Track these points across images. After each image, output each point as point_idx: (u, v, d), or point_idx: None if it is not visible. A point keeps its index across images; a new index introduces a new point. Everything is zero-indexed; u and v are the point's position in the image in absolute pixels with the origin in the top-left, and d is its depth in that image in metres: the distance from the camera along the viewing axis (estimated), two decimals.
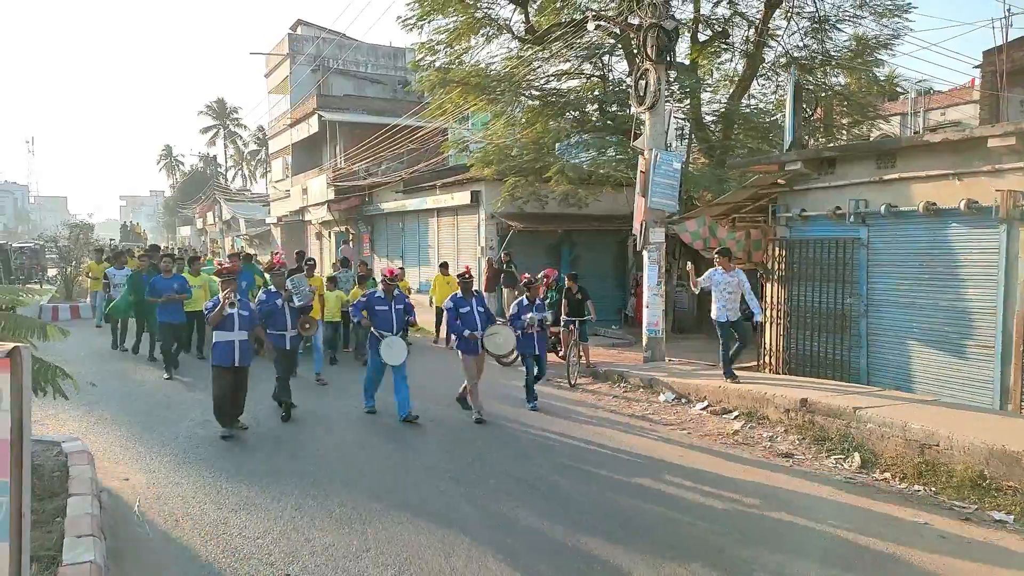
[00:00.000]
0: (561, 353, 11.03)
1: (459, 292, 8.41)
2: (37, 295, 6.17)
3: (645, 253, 11.07)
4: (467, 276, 8.49)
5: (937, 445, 6.52)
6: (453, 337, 8.52)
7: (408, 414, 7.94)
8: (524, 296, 9.15)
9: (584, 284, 11.24)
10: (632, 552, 4.77)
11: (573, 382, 10.32)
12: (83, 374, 6.72)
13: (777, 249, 10.13)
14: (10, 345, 2.44)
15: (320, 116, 28.47)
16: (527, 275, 9.74)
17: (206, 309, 7.44)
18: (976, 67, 18.59)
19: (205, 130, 65.87)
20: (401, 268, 15.40)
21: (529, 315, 8.74)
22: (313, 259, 12.93)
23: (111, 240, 33.56)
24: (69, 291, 19.89)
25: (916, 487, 6.17)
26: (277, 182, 36.86)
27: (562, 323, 10.85)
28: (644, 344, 11.24)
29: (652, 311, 11.05)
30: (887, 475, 6.51)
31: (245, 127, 66.70)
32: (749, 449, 7.21)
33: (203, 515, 5.30)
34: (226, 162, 66.62)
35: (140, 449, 6.95)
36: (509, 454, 6.91)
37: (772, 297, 10.23)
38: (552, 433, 7.76)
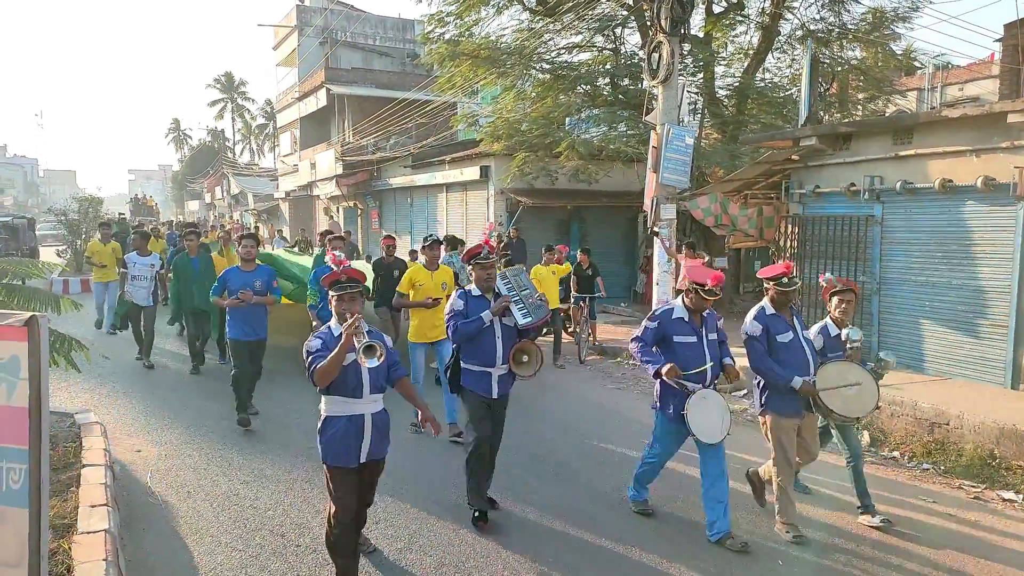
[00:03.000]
0: (571, 329, 11.02)
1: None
2: (49, 269, 6.18)
3: (656, 229, 10.99)
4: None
5: (947, 424, 6.51)
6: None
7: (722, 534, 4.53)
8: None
9: (593, 261, 11.19)
10: (643, 528, 4.80)
11: (583, 359, 10.34)
12: (94, 347, 6.75)
13: (790, 226, 10.03)
14: (27, 314, 2.45)
15: (328, 89, 28.25)
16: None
17: (309, 354, 3.66)
18: (996, 40, 18.18)
19: (213, 103, 65.59)
20: None
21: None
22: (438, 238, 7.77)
23: (120, 214, 29.85)
24: (79, 264, 19.99)
25: (925, 465, 6.17)
26: (285, 156, 36.76)
27: (572, 300, 10.83)
28: None
29: (662, 288, 11.00)
30: (896, 453, 6.51)
31: (253, 100, 66.53)
32: (756, 427, 7.20)
33: (214, 486, 5.36)
34: (234, 136, 66.48)
35: (151, 422, 7.01)
36: (520, 428, 6.92)
37: None
38: (563, 408, 7.77)
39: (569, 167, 15.12)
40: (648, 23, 12.02)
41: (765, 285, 4.79)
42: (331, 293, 3.74)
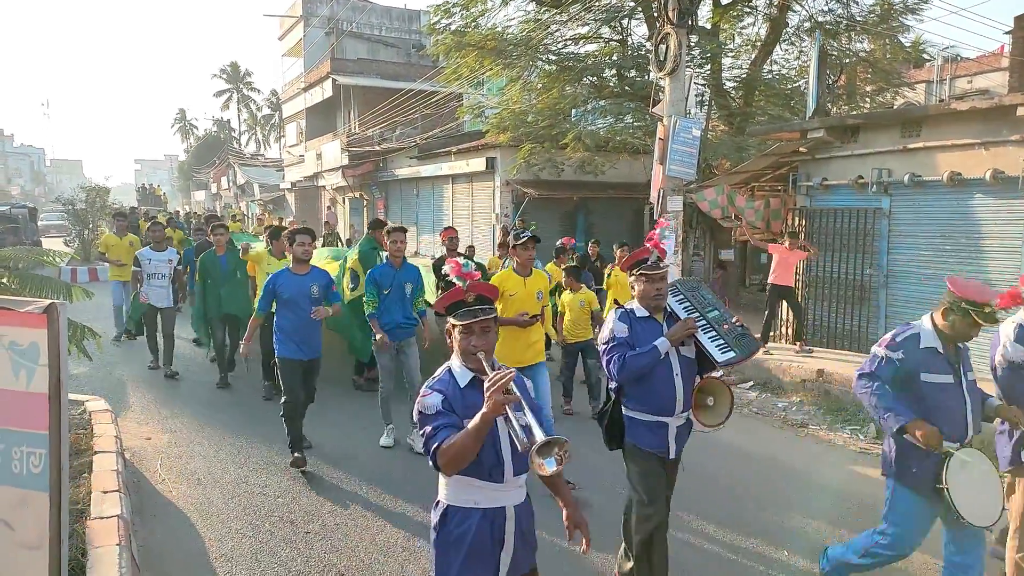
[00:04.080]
0: None
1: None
2: (60, 257, 6.23)
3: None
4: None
5: None
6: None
7: None
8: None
9: (602, 252, 11.19)
10: None
11: None
12: (105, 335, 6.80)
13: (797, 219, 10.01)
14: (47, 301, 2.49)
15: (334, 80, 28.23)
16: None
17: (424, 418, 2.42)
18: (1006, 33, 18.05)
19: (219, 94, 65.57)
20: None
21: None
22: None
23: (131, 208, 26.96)
24: (88, 254, 20.08)
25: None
26: (291, 147, 36.78)
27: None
28: None
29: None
30: None
31: (259, 91, 66.40)
32: (764, 419, 7.23)
33: (224, 474, 5.41)
34: (240, 126, 66.49)
35: (162, 410, 7.07)
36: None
37: None
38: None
39: (575, 159, 15.11)
40: (655, 14, 11.97)
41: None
42: (452, 321, 2.50)
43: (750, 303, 14.06)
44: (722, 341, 3.48)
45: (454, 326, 2.52)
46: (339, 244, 15.06)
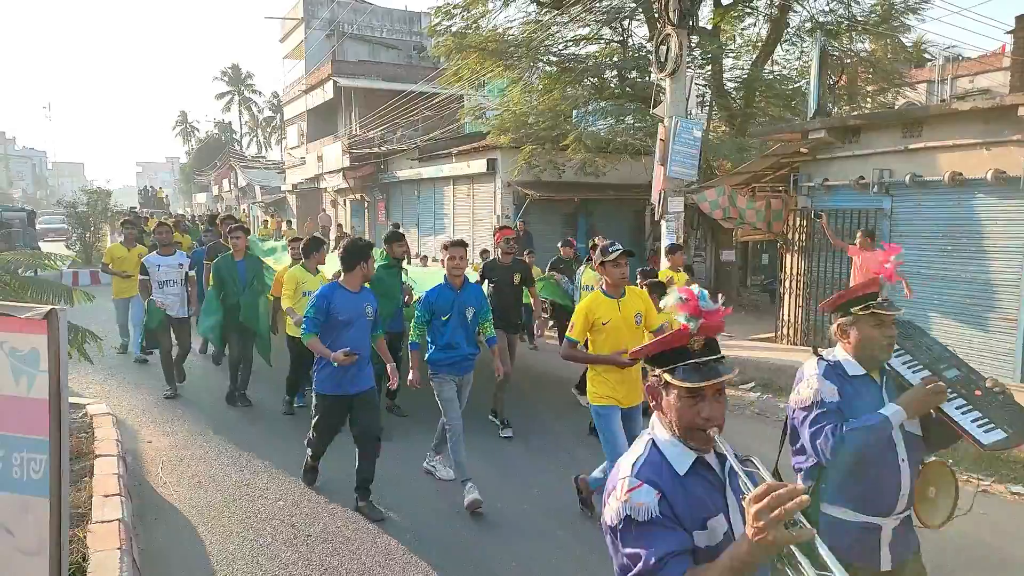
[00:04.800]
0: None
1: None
2: (61, 261, 6.24)
3: (663, 223, 10.98)
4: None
5: None
6: None
7: None
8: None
9: None
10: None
11: None
12: (106, 338, 6.78)
13: (798, 219, 10.00)
14: (47, 307, 2.49)
15: (335, 82, 28.25)
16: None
17: (628, 526, 1.63)
18: (1008, 33, 18.01)
19: (220, 96, 65.67)
20: None
21: None
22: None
23: (132, 208, 26.91)
24: (89, 256, 20.11)
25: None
26: (292, 149, 36.80)
27: None
28: None
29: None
30: None
31: (260, 93, 66.48)
32: (765, 420, 7.22)
33: (225, 477, 5.41)
34: (241, 128, 66.58)
35: (163, 414, 7.07)
36: (531, 424, 6.94)
37: (791, 268, 10.14)
38: (572, 402, 7.79)
39: (576, 160, 15.10)
40: (656, 15, 11.98)
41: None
42: (671, 380, 1.72)
43: (751, 304, 14.05)
44: (979, 414, 2.45)
45: (670, 385, 1.72)
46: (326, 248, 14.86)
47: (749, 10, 14.62)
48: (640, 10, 14.08)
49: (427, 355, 5.10)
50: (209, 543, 4.37)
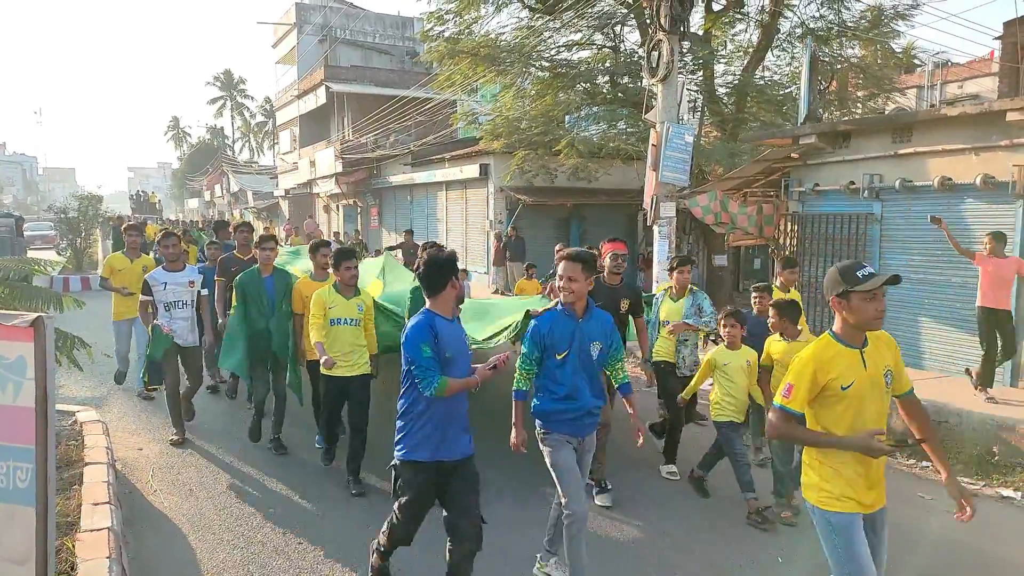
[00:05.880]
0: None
1: None
2: (51, 267, 6.19)
3: (656, 228, 11.01)
4: None
5: (947, 421, 6.53)
6: None
7: None
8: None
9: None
10: (650, 523, 4.82)
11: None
12: (96, 345, 6.73)
13: (789, 224, 10.05)
14: (33, 315, 2.48)
15: (328, 87, 28.27)
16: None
17: None
18: (996, 39, 18.20)
19: (212, 101, 65.60)
20: None
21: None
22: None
23: (128, 217, 24.35)
24: (80, 262, 20.01)
25: (924, 463, 6.19)
26: (285, 154, 36.76)
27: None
28: None
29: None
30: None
31: (252, 98, 66.54)
32: None
33: (216, 484, 5.38)
34: (233, 134, 66.47)
35: (153, 421, 7.02)
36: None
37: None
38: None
39: (569, 165, 15.15)
40: (648, 21, 12.03)
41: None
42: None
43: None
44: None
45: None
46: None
47: (740, 16, 14.71)
48: (632, 16, 14.14)
49: (534, 406, 3.79)
50: (199, 550, 4.34)
